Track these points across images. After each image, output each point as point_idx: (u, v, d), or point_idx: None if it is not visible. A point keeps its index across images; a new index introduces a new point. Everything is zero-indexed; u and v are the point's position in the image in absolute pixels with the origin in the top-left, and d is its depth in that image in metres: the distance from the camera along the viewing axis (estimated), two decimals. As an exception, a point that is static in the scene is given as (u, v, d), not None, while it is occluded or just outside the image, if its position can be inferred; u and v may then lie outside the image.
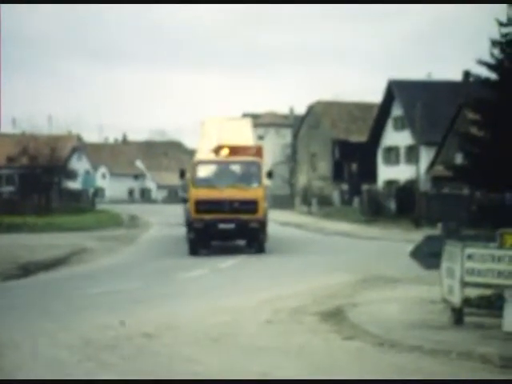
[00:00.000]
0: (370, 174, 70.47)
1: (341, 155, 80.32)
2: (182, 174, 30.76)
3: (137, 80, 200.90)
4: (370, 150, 71.05)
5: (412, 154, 59.06)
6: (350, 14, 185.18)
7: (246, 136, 32.04)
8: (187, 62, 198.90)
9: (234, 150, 29.77)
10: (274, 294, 17.27)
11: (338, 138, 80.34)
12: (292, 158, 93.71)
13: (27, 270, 24.58)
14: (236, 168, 29.98)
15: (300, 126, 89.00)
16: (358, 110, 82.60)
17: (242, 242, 30.50)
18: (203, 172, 29.57)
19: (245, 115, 73.06)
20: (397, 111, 67.31)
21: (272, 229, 33.66)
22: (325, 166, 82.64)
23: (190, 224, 28.99)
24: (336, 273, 21.63)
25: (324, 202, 74.37)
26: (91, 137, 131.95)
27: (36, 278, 23.57)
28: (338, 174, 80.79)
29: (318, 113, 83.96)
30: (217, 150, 29.82)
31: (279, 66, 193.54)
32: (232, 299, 16.66)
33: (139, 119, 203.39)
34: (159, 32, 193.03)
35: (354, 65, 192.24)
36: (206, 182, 29.03)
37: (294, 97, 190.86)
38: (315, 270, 22.91)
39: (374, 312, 14.15)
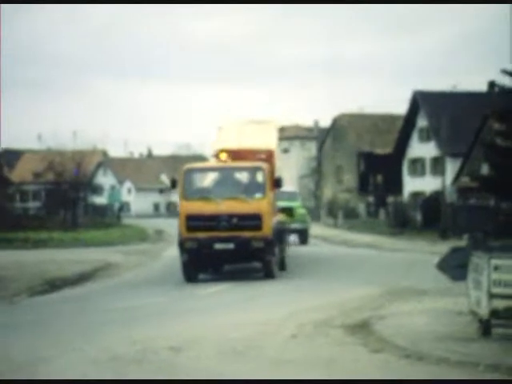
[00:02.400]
0: (396, 186, 70.23)
1: (366, 167, 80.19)
2: (174, 185, 25.17)
3: (162, 94, 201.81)
4: (395, 162, 70.82)
5: (438, 166, 58.86)
6: (374, 26, 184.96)
7: (265, 140, 27.61)
8: (212, 75, 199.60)
9: (238, 155, 25.60)
10: (299, 306, 17.21)
11: (363, 150, 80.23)
12: (317, 171, 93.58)
13: (54, 285, 24.67)
14: (236, 176, 25.37)
15: (325, 138, 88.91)
16: (382, 121, 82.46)
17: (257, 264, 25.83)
18: (196, 181, 25.26)
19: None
20: (422, 122, 67.07)
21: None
22: (350, 179, 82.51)
23: (181, 244, 24.29)
24: (362, 285, 21.54)
25: (350, 214, 74.19)
26: (116, 152, 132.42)
27: (63, 293, 23.66)
28: (363, 186, 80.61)
29: (343, 125, 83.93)
30: (218, 155, 25.92)
31: (304, 78, 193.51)
32: (255, 313, 16.62)
33: (164, 133, 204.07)
34: (184, 47, 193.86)
35: (378, 77, 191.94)
36: (199, 194, 24.56)
37: (318, 109, 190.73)
38: (341, 283, 22.77)
39: (401, 324, 14.05)
